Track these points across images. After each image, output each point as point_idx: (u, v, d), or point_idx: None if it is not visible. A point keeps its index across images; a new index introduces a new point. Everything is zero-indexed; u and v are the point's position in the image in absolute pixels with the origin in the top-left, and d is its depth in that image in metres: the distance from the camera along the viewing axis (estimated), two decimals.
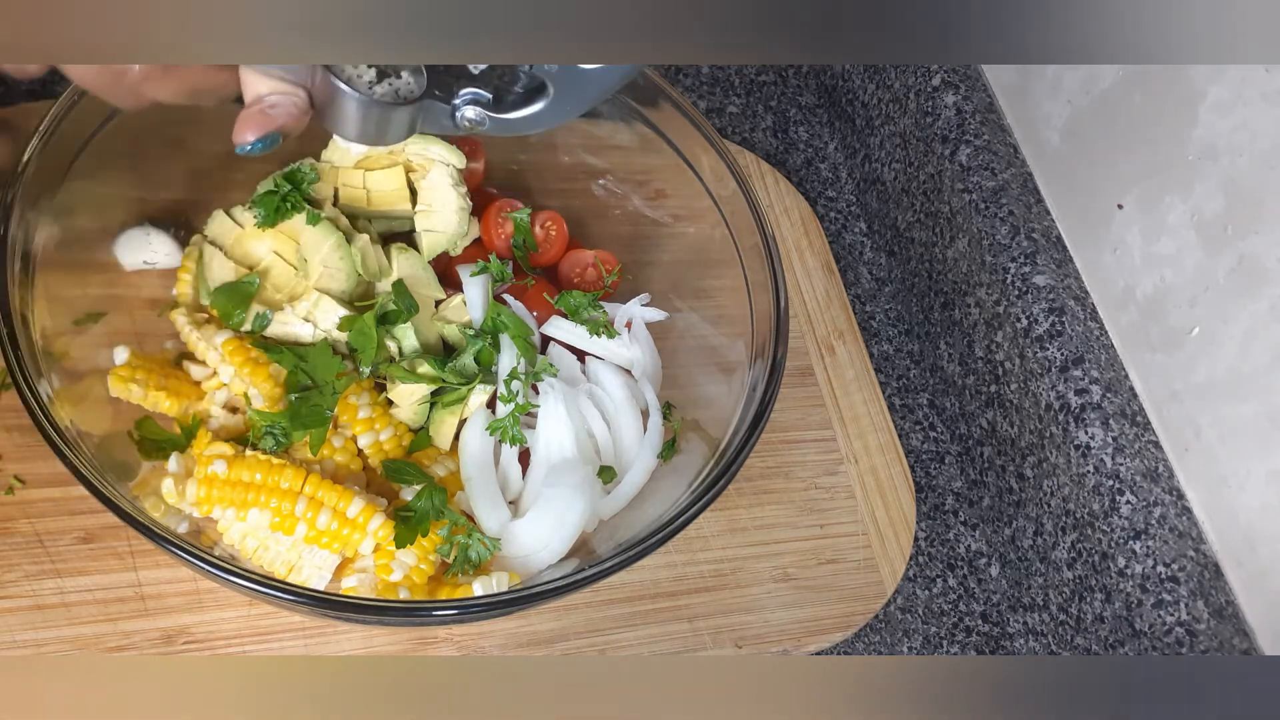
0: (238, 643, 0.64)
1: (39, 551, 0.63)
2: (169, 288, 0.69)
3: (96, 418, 0.61)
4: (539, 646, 0.69)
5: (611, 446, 0.72)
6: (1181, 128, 0.72)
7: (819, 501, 0.81)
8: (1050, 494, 0.78)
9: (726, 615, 0.74)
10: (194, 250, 0.70)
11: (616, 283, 0.79)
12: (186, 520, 0.62)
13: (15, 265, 0.57)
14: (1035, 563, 0.80)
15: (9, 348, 0.55)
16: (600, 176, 0.81)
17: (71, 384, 0.59)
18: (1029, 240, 0.81)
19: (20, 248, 0.58)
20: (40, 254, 0.60)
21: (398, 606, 0.57)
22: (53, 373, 0.58)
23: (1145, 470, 0.73)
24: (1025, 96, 0.87)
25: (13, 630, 0.61)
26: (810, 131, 1.03)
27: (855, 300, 0.95)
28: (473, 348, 0.69)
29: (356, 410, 0.66)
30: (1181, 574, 0.69)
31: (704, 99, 1.00)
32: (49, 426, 0.53)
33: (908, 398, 0.92)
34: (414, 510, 0.63)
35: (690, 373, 0.77)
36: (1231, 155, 0.69)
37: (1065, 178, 0.84)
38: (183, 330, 0.66)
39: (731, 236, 0.73)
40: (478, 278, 0.72)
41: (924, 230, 0.91)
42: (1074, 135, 0.82)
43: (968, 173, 0.84)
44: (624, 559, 0.59)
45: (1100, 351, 0.78)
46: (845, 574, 0.78)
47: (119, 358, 0.64)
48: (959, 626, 0.82)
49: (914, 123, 0.91)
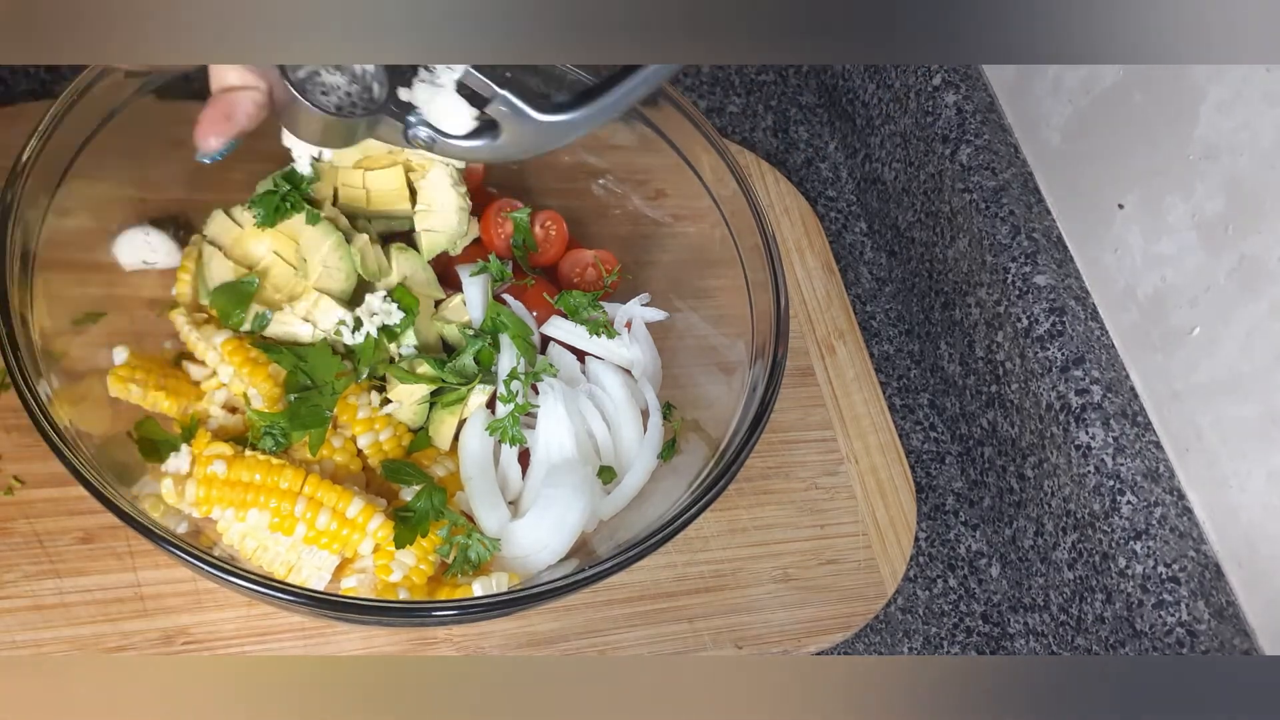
0: (237, 643, 0.64)
1: (38, 551, 0.63)
2: (168, 288, 0.69)
3: (96, 418, 0.61)
4: (539, 647, 0.69)
5: (611, 447, 0.72)
6: (1182, 127, 0.72)
7: (819, 502, 0.81)
8: (1051, 494, 0.78)
9: (726, 616, 0.74)
10: (193, 250, 0.69)
11: (616, 283, 0.79)
12: (186, 520, 0.62)
13: (15, 265, 0.57)
14: (1036, 563, 0.80)
15: (8, 348, 0.55)
16: (600, 176, 0.81)
17: (71, 384, 0.59)
18: (1029, 240, 0.81)
19: (20, 247, 0.58)
20: (40, 254, 0.60)
21: (397, 607, 0.56)
22: (52, 373, 0.57)
23: (1146, 470, 0.73)
24: (1025, 96, 0.87)
25: (12, 630, 0.60)
26: (810, 131, 1.03)
27: (855, 300, 0.94)
28: (472, 348, 0.69)
29: (356, 410, 0.66)
30: (1182, 574, 0.69)
31: (704, 99, 1.00)
32: (48, 426, 0.53)
33: (908, 398, 0.92)
34: (413, 510, 0.63)
35: (690, 373, 0.77)
36: (1232, 155, 0.69)
37: (1066, 178, 0.83)
38: (182, 330, 0.66)
39: (731, 236, 0.73)
40: (477, 278, 0.72)
41: (924, 230, 0.91)
42: (1074, 135, 0.82)
43: (968, 172, 0.84)
44: (624, 559, 0.59)
45: (1101, 351, 0.78)
46: (845, 574, 0.78)
47: (118, 358, 0.64)
48: (959, 627, 0.82)
49: (914, 122, 0.90)
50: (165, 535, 0.53)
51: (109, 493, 0.53)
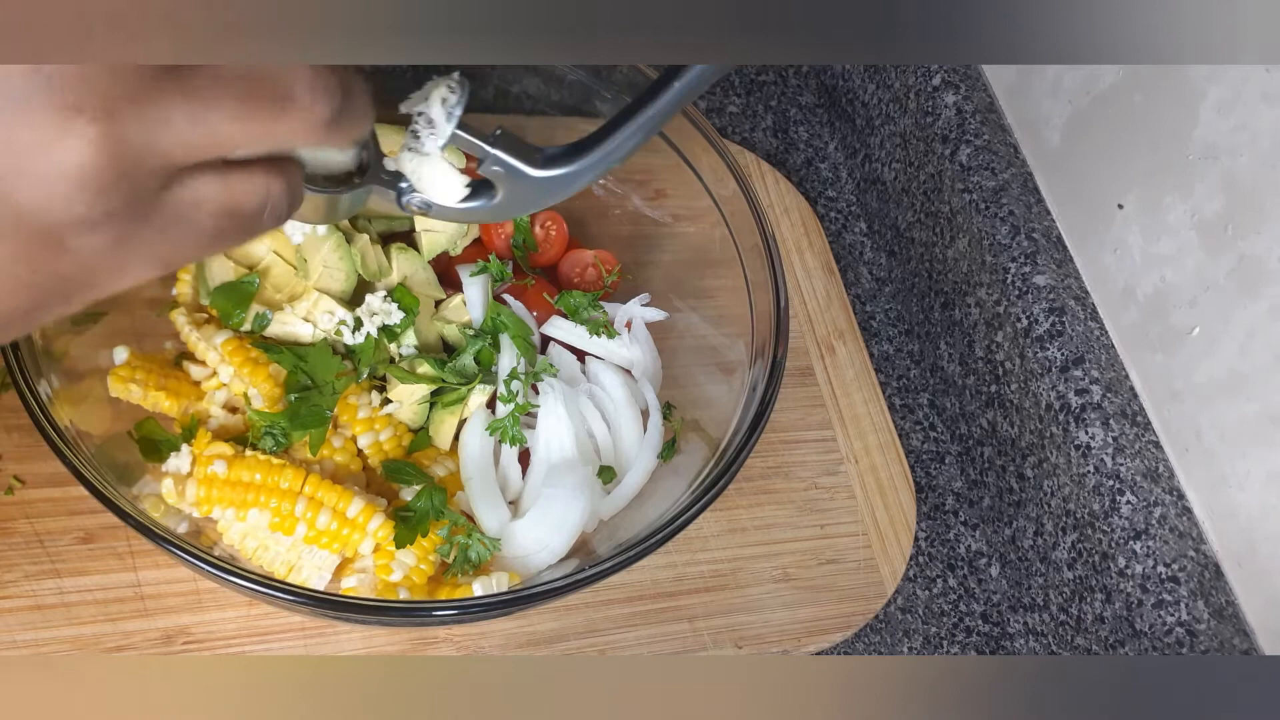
0: (237, 643, 0.64)
1: (39, 551, 0.63)
2: (169, 288, 0.69)
3: (96, 418, 0.61)
4: (539, 646, 0.69)
5: (611, 447, 0.72)
6: (1182, 128, 0.72)
7: (819, 501, 0.81)
8: (1050, 494, 0.78)
9: (726, 615, 0.74)
10: None
11: (616, 283, 0.79)
12: (186, 520, 0.62)
13: None
14: (1035, 563, 0.80)
15: (9, 348, 0.55)
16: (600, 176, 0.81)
17: (71, 384, 0.59)
18: (1029, 240, 0.81)
19: None
20: None
21: (397, 607, 0.57)
22: (53, 373, 0.57)
23: (1145, 470, 0.73)
24: (1025, 96, 0.87)
25: (12, 630, 0.60)
26: (810, 131, 1.03)
27: (855, 300, 0.95)
28: (473, 348, 0.69)
29: (356, 410, 0.66)
30: (1182, 574, 0.69)
31: (704, 99, 1.00)
32: (49, 426, 0.53)
33: (908, 398, 0.92)
34: (414, 510, 0.63)
35: (690, 373, 0.77)
36: (1232, 155, 0.69)
37: (1065, 178, 0.83)
38: (182, 330, 0.66)
39: (731, 236, 0.73)
40: (477, 278, 0.72)
41: (924, 230, 0.91)
42: (1074, 135, 0.82)
43: (968, 173, 0.84)
44: (624, 559, 0.59)
45: (1100, 351, 0.78)
46: (845, 574, 0.78)
47: (119, 358, 0.64)
48: (959, 627, 0.82)
49: (914, 123, 0.90)
50: (165, 535, 0.53)
51: (109, 493, 0.53)
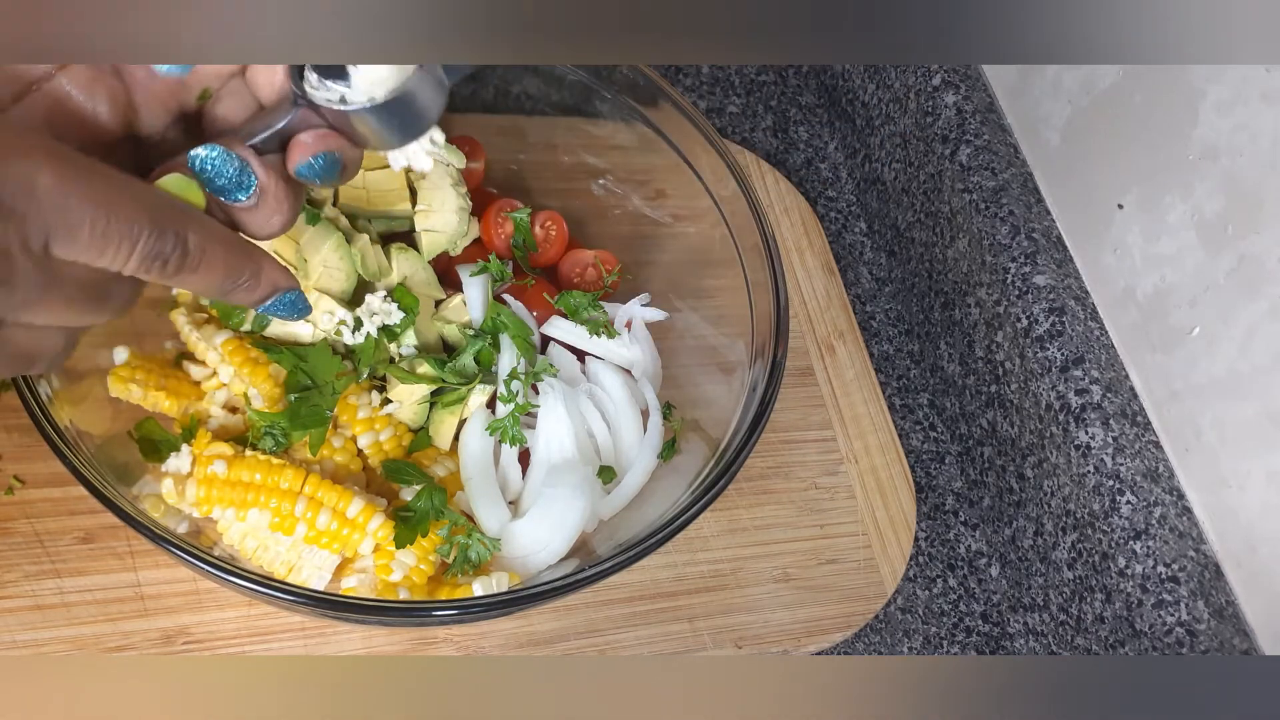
0: (237, 643, 0.64)
1: (38, 551, 0.63)
2: (169, 288, 0.69)
3: (96, 418, 0.61)
4: (539, 646, 0.69)
5: (611, 446, 0.72)
6: (1181, 127, 0.72)
7: (819, 501, 0.81)
8: (1050, 494, 0.78)
9: (726, 615, 0.74)
10: None
11: (616, 283, 0.79)
12: (186, 520, 0.62)
13: None
14: (1035, 563, 0.80)
15: None
16: (600, 176, 0.81)
17: (71, 384, 0.59)
18: (1029, 240, 0.81)
19: None
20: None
21: (397, 607, 0.57)
22: (52, 373, 0.57)
23: (1145, 470, 0.73)
24: (1025, 96, 0.87)
25: (12, 630, 0.60)
26: (810, 131, 1.03)
27: (855, 300, 0.95)
28: (473, 348, 0.69)
29: (356, 410, 0.66)
30: (1182, 574, 0.69)
31: (704, 99, 1.00)
32: (49, 426, 0.53)
33: (908, 398, 0.92)
34: (414, 510, 0.63)
35: (690, 373, 0.77)
36: (1232, 155, 0.69)
37: (1065, 178, 0.83)
38: (182, 330, 0.66)
39: (731, 236, 0.73)
40: (478, 278, 0.72)
41: (924, 230, 0.91)
42: (1074, 135, 0.82)
43: (968, 173, 0.84)
44: (624, 559, 0.59)
45: (1100, 351, 0.78)
46: (845, 574, 0.78)
47: (119, 358, 0.64)
48: (959, 627, 0.82)
49: (914, 123, 0.90)
50: (165, 535, 0.53)
51: (109, 493, 0.53)
